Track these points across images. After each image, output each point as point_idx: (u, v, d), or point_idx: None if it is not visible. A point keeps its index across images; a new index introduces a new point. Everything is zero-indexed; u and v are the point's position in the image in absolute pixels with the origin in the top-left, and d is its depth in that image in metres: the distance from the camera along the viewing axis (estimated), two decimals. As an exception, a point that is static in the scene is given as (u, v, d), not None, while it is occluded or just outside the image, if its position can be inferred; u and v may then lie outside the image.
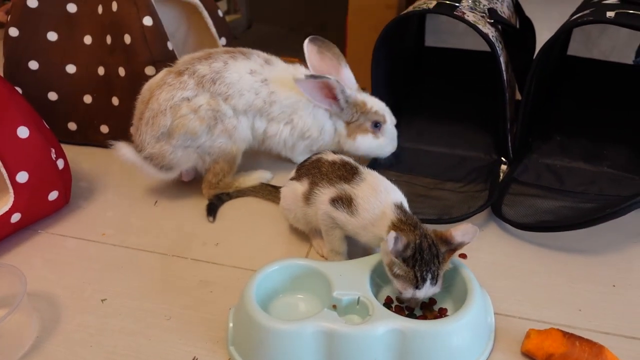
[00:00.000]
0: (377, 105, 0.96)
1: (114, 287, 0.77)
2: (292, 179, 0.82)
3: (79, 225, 0.91)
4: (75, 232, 0.89)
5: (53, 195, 0.87)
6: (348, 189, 0.72)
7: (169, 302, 0.74)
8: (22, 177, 0.81)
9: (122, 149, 0.89)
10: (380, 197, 0.70)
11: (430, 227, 0.68)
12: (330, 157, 0.78)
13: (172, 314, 0.72)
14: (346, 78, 0.96)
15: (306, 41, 0.95)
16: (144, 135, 0.87)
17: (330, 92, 0.91)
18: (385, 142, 0.98)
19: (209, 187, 0.95)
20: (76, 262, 0.82)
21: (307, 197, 0.77)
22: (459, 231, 0.64)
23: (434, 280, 0.63)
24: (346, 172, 0.74)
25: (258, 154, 1.05)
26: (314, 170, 0.78)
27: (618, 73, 1.22)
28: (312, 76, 0.89)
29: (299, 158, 0.97)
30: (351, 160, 0.78)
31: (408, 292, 0.64)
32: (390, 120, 0.98)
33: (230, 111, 0.88)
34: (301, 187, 0.78)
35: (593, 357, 0.60)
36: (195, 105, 0.86)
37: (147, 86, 0.90)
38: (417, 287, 0.63)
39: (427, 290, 0.64)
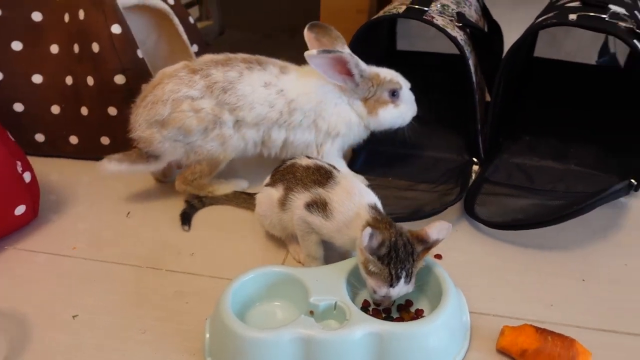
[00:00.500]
0: (389, 73, 0.94)
1: (86, 303, 0.75)
2: (267, 184, 0.82)
3: (49, 239, 0.88)
4: (45, 247, 0.86)
5: (20, 209, 0.85)
6: (323, 193, 0.72)
7: (143, 315, 0.73)
8: (-13, 191, 0.78)
9: (104, 165, 0.89)
10: (355, 200, 0.70)
11: (405, 227, 0.68)
12: (305, 162, 0.79)
13: (147, 327, 0.71)
14: (357, 60, 0.92)
15: (305, 29, 0.93)
16: (139, 117, 0.87)
17: (343, 68, 0.89)
18: (406, 109, 0.95)
19: (182, 182, 0.93)
20: (46, 278, 0.80)
21: (283, 203, 0.77)
22: (433, 228, 0.65)
23: (408, 279, 0.64)
24: (320, 177, 0.75)
25: (235, 163, 1.05)
26: (288, 175, 0.78)
27: (583, 73, 1.26)
28: (325, 51, 0.86)
29: (336, 160, 0.96)
30: (325, 165, 0.78)
31: (382, 291, 0.64)
32: (405, 84, 0.95)
33: (231, 122, 0.88)
34: (276, 192, 0.78)
35: (565, 350, 0.62)
36: (198, 106, 0.85)
37: (160, 72, 0.89)
38: (391, 285, 0.63)
39: (400, 289, 0.64)
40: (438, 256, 0.82)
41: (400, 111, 0.94)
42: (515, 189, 0.94)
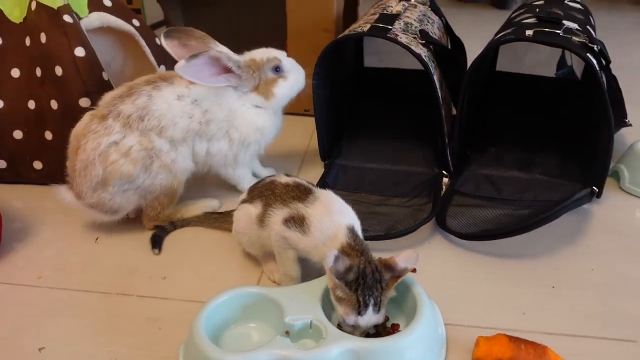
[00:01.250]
0: (261, 53, 0.93)
1: (53, 334, 0.72)
2: (244, 201, 0.81)
3: (12, 269, 0.85)
4: (8, 278, 0.83)
5: (-19, 239, 0.81)
6: (301, 208, 0.72)
7: (114, 343, 0.70)
8: (-56, 222, 0.75)
9: (63, 194, 0.86)
10: (334, 218, 0.70)
11: (375, 246, 0.69)
12: (284, 179, 0.78)
13: (119, 356, 0.68)
14: (228, 52, 0.92)
15: (162, 38, 0.91)
16: (80, 187, 0.84)
17: (220, 67, 0.87)
18: (295, 76, 0.95)
19: (149, 220, 0.92)
20: (10, 309, 0.77)
21: (262, 220, 0.76)
22: (401, 257, 0.66)
23: (377, 307, 0.63)
24: (300, 193, 0.75)
25: (205, 182, 1.04)
26: (267, 192, 0.77)
27: (544, 85, 1.31)
28: (192, 57, 0.82)
29: (244, 173, 0.98)
30: (304, 182, 0.78)
31: (350, 319, 0.63)
32: (281, 56, 0.94)
33: (167, 145, 0.86)
34: (255, 209, 0.78)
35: (537, 358, 0.63)
36: (124, 148, 0.83)
37: (73, 134, 0.86)
38: (359, 312, 0.63)
39: (369, 318, 0.63)
40: (413, 270, 0.82)
41: (292, 80, 0.95)
42: (484, 199, 0.97)
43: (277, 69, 0.93)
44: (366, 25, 1.00)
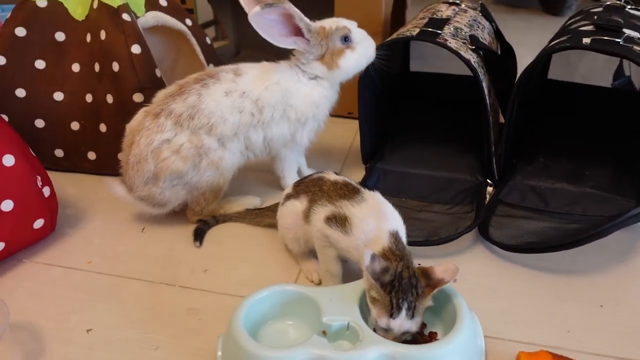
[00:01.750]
0: (332, 22, 0.91)
1: (100, 317, 0.76)
2: (289, 196, 0.82)
3: (65, 253, 0.89)
4: (61, 261, 0.87)
5: (38, 223, 0.86)
6: (347, 206, 0.72)
7: (156, 331, 0.73)
8: (7, 205, 0.80)
9: (114, 187, 0.90)
10: (379, 221, 0.70)
11: (415, 252, 0.68)
12: (333, 177, 0.79)
13: (160, 344, 0.71)
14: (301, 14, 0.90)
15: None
16: (132, 180, 0.88)
17: (291, 27, 0.87)
18: (364, 48, 0.92)
19: (193, 215, 0.95)
20: (61, 291, 0.81)
21: (307, 215, 0.77)
22: (440, 268, 0.64)
23: (410, 312, 0.62)
24: (348, 192, 0.75)
25: (246, 180, 1.06)
26: (314, 187, 0.78)
27: (598, 95, 1.25)
28: (267, 5, 0.81)
29: (292, 165, 0.99)
30: (353, 182, 0.78)
31: (383, 321, 0.63)
32: (352, 26, 0.91)
33: (215, 143, 0.88)
34: (300, 205, 0.78)
35: (583, 378, 0.60)
36: (175, 146, 0.85)
37: (128, 129, 0.90)
38: (391, 315, 0.62)
39: (402, 322, 0.62)
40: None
41: (360, 53, 0.92)
42: (530, 211, 0.94)
43: (346, 39, 0.90)
44: (415, 29, 0.99)
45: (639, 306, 0.76)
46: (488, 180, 1.03)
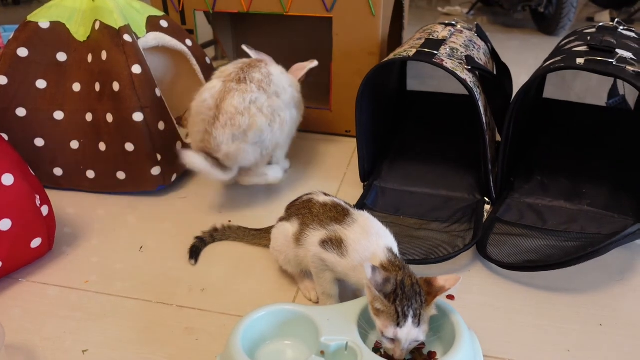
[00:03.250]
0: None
1: (96, 337, 0.75)
2: (281, 219, 0.83)
3: (62, 272, 0.89)
4: (58, 280, 0.87)
5: (36, 242, 0.86)
6: (339, 230, 0.72)
7: (153, 351, 0.72)
8: (5, 224, 0.80)
9: (191, 157, 0.96)
10: (372, 240, 0.70)
11: (415, 268, 0.68)
12: (322, 198, 0.79)
13: (156, 364, 0.70)
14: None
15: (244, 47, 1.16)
16: (221, 138, 0.97)
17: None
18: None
19: (247, 176, 1.06)
20: (57, 311, 0.80)
21: (298, 238, 0.77)
22: (443, 277, 0.65)
23: (417, 320, 0.62)
24: (337, 214, 0.75)
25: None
26: (304, 210, 0.78)
27: (593, 114, 1.27)
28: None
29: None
30: (342, 202, 0.78)
31: (389, 331, 0.62)
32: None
33: (282, 104, 1.03)
34: (292, 227, 0.78)
35: (584, 399, 0.60)
36: (260, 104, 0.99)
37: (206, 95, 0.99)
38: (398, 324, 0.61)
39: (409, 331, 0.61)
40: (451, 297, 0.81)
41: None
42: (528, 229, 0.94)
43: None
44: (412, 49, 1.00)
45: (638, 325, 0.76)
46: (486, 198, 1.03)
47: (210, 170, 0.97)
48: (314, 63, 1.17)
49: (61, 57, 1.07)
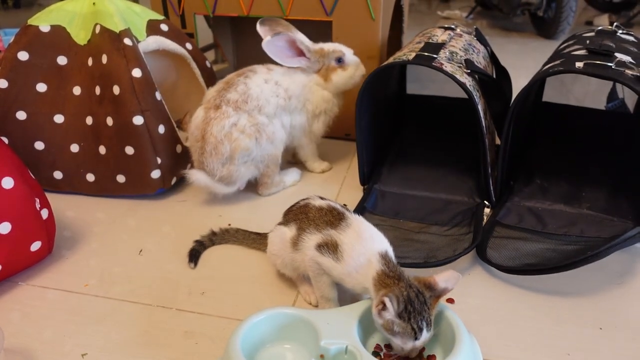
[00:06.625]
0: (331, 45, 1.13)
1: (96, 341, 0.75)
2: (279, 224, 0.83)
3: (61, 276, 0.89)
4: (57, 284, 0.87)
5: (36, 245, 0.86)
6: (334, 234, 0.73)
7: (152, 355, 0.72)
8: (5, 228, 0.80)
9: (196, 175, 1.02)
10: (366, 245, 0.70)
11: (412, 274, 0.68)
12: (318, 202, 0.79)
13: (156, 368, 0.70)
14: (303, 38, 1.11)
15: (257, 25, 1.12)
16: (212, 165, 1.02)
17: (295, 50, 1.09)
18: (353, 69, 1.13)
19: (264, 188, 1.11)
20: (56, 315, 0.80)
21: (295, 243, 0.77)
22: (442, 277, 0.65)
23: (429, 327, 0.64)
24: (333, 218, 0.75)
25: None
26: (301, 215, 0.78)
27: (592, 118, 1.27)
28: (275, 34, 1.05)
29: (314, 148, 1.20)
30: (338, 206, 0.78)
31: (408, 345, 0.64)
32: (347, 51, 1.14)
33: (266, 119, 1.04)
34: (289, 232, 0.79)
35: (584, 403, 0.60)
36: (241, 126, 1.01)
37: (193, 126, 1.04)
38: (416, 338, 0.63)
39: (424, 338, 0.64)
40: (450, 300, 0.81)
41: (349, 73, 1.13)
42: (528, 232, 0.94)
43: (340, 60, 1.13)
44: (411, 53, 1.01)
45: (638, 328, 0.76)
46: (485, 201, 1.03)
47: (214, 185, 1.03)
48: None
49: (61, 60, 1.08)
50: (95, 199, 1.12)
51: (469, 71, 0.99)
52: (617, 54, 0.90)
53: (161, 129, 1.06)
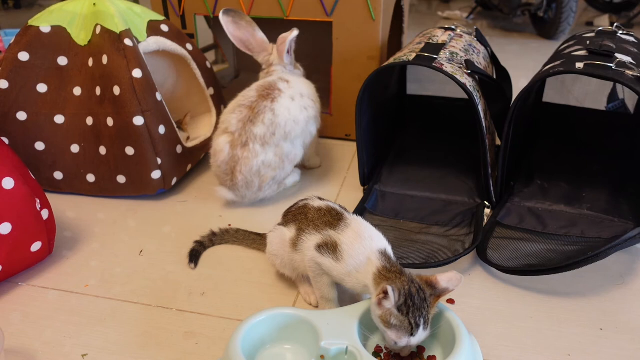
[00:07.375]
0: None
1: (96, 341, 0.75)
2: (279, 224, 0.83)
3: (62, 276, 0.89)
4: (57, 284, 0.87)
5: (36, 246, 0.86)
6: (333, 234, 0.73)
7: (152, 355, 0.72)
8: (5, 228, 0.80)
9: (225, 193, 1.06)
10: (365, 244, 0.70)
11: (414, 273, 0.68)
12: (317, 203, 0.79)
13: (156, 369, 0.70)
14: (263, 39, 1.16)
15: (221, 13, 1.10)
16: (244, 193, 1.06)
17: (289, 47, 1.13)
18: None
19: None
20: (57, 315, 0.80)
21: (295, 243, 0.77)
22: (444, 277, 0.65)
23: (426, 325, 0.64)
24: (332, 218, 0.75)
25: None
26: (300, 216, 0.78)
27: (593, 118, 1.27)
28: (292, 33, 1.09)
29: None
30: (337, 207, 0.78)
31: (403, 341, 0.64)
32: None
33: (290, 145, 1.06)
34: (289, 232, 0.79)
35: (584, 404, 0.60)
36: (268, 162, 1.03)
37: (220, 160, 1.04)
38: (412, 334, 0.63)
39: (420, 336, 0.64)
40: (451, 301, 0.81)
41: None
42: (528, 233, 0.94)
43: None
44: (411, 54, 1.01)
45: (639, 329, 0.76)
46: (486, 202, 1.03)
47: (240, 199, 1.07)
48: (295, 32, 1.11)
49: (62, 61, 1.08)
50: (95, 200, 1.12)
51: (469, 72, 0.99)
52: (617, 55, 0.90)
53: (161, 129, 1.06)
